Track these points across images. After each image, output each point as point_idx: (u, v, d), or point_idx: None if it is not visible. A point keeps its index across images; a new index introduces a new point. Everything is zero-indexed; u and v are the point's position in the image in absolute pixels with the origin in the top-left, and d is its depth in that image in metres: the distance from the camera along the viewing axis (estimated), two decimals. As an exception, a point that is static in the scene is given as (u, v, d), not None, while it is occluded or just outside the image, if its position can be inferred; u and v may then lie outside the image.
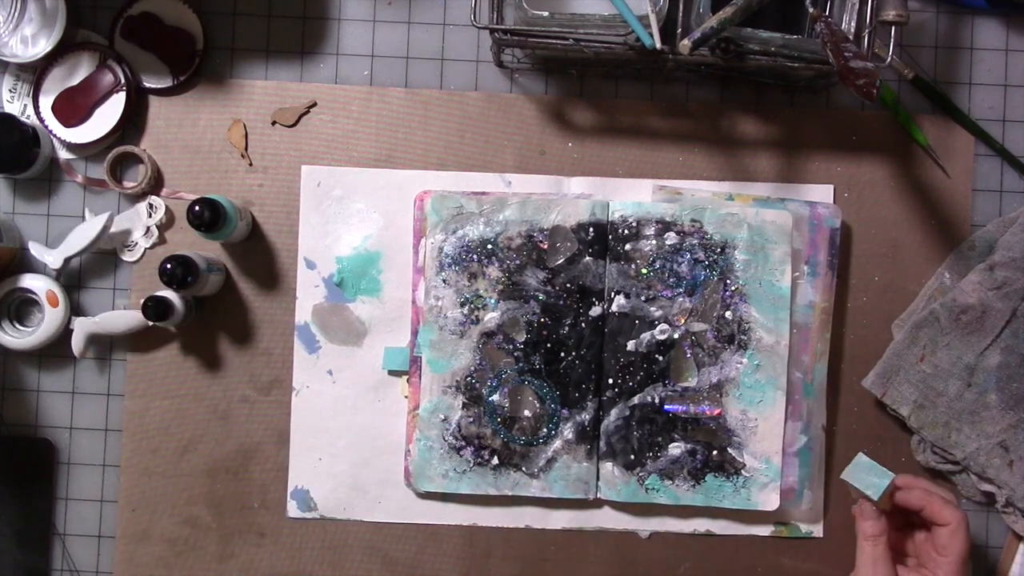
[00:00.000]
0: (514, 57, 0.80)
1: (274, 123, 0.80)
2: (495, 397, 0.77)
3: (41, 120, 0.79)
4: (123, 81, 0.78)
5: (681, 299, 0.77)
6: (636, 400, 0.77)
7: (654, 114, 0.80)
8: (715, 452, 0.77)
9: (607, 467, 0.77)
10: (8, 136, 0.76)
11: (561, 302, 0.77)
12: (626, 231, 0.77)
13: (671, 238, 0.77)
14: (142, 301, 0.74)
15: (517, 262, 0.77)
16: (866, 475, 0.69)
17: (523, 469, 0.77)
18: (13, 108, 0.80)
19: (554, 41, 0.71)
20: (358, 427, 0.79)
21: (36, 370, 0.80)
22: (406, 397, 0.79)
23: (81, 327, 0.77)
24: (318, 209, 0.80)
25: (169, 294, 0.75)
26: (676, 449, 0.77)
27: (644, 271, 0.77)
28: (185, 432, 0.80)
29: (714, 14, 0.68)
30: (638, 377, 0.77)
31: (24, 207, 0.81)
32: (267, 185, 0.80)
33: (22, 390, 0.80)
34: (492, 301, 0.77)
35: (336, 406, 0.79)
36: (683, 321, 0.77)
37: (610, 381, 0.77)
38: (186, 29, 0.79)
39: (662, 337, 0.77)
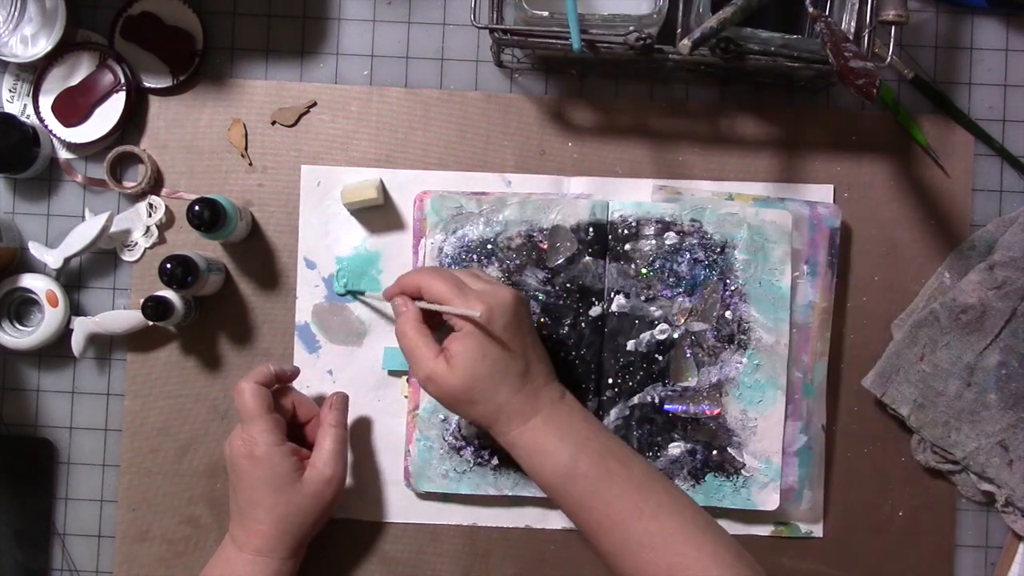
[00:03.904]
0: (514, 57, 0.80)
1: (274, 123, 0.80)
2: (495, 397, 0.77)
3: (41, 120, 0.79)
4: (123, 81, 0.78)
5: (681, 299, 0.77)
6: (636, 400, 0.77)
7: (654, 114, 0.80)
8: (715, 452, 0.77)
9: (607, 467, 0.77)
10: (8, 136, 0.76)
11: (561, 302, 0.77)
12: (626, 231, 0.77)
13: (671, 238, 0.77)
14: (142, 301, 0.74)
15: (517, 262, 0.77)
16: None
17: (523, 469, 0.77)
18: (13, 108, 0.80)
19: (554, 41, 0.71)
20: (357, 427, 0.79)
21: (36, 370, 0.80)
22: (406, 397, 0.79)
23: (81, 327, 0.77)
24: (318, 209, 0.80)
25: (169, 294, 0.75)
26: (676, 449, 0.77)
27: (644, 271, 0.77)
28: (185, 432, 0.80)
29: (714, 14, 0.68)
30: (638, 377, 0.77)
31: (24, 207, 0.81)
32: (267, 185, 0.80)
33: (22, 390, 0.80)
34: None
35: (336, 406, 0.79)
36: (683, 321, 0.77)
37: (610, 381, 0.77)
38: (186, 29, 0.79)
39: (662, 337, 0.77)
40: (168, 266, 0.72)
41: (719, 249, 0.77)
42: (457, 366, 0.66)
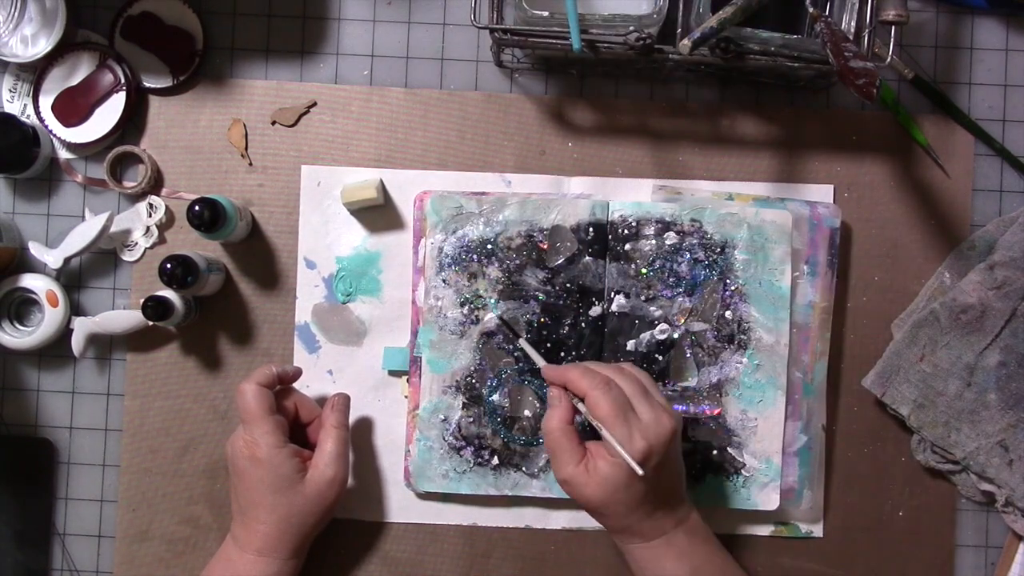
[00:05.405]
0: (514, 57, 0.80)
1: (274, 123, 0.80)
2: (495, 397, 0.77)
3: (41, 120, 0.79)
4: (123, 81, 0.78)
5: (681, 299, 0.77)
6: (636, 400, 0.77)
7: (654, 114, 0.80)
8: (715, 452, 0.77)
9: (607, 467, 0.77)
10: (8, 136, 0.76)
11: (561, 302, 0.77)
12: (626, 231, 0.77)
13: (671, 238, 0.77)
14: (142, 301, 0.74)
15: (517, 262, 0.77)
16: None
17: (523, 469, 0.77)
18: (13, 108, 0.80)
19: (554, 41, 0.71)
20: (358, 427, 0.79)
21: (36, 370, 0.80)
22: (406, 397, 0.79)
23: (81, 327, 0.77)
24: (318, 209, 0.80)
25: (169, 294, 0.75)
26: (676, 449, 0.77)
27: (644, 271, 0.77)
28: (185, 432, 0.80)
29: (714, 14, 0.68)
30: (638, 377, 0.77)
31: (24, 207, 0.81)
32: (267, 185, 0.80)
33: (22, 390, 0.80)
34: (492, 301, 0.77)
35: (336, 406, 0.79)
36: (683, 321, 0.77)
37: (610, 381, 0.77)
38: (186, 29, 0.79)
39: (662, 337, 0.77)
40: (168, 266, 0.72)
41: (719, 249, 0.77)
42: (598, 483, 0.66)
